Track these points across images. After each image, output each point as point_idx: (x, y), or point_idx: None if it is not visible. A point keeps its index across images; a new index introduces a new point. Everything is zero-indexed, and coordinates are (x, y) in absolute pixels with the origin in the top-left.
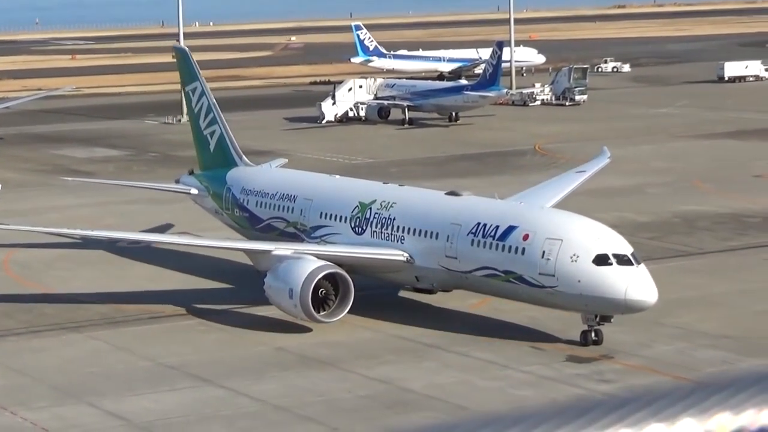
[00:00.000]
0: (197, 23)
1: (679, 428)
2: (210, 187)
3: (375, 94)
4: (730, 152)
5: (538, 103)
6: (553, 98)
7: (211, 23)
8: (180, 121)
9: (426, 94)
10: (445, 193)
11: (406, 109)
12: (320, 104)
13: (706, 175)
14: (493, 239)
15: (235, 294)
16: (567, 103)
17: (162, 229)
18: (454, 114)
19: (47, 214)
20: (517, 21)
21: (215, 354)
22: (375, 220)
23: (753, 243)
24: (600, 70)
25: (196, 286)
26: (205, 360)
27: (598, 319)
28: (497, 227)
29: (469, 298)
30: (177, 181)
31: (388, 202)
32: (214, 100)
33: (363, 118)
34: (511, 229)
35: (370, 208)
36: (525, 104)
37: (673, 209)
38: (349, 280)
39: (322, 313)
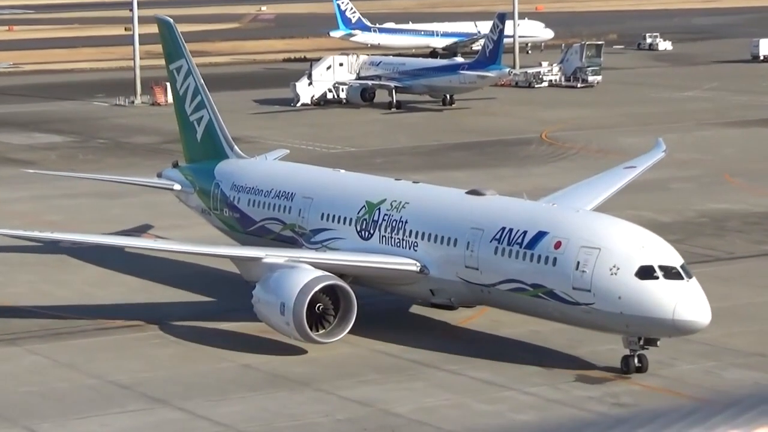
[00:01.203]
0: None
1: None
2: (196, 182)
3: (358, 74)
4: (764, 142)
5: (545, 84)
6: (563, 79)
7: None
8: (133, 102)
9: (416, 74)
10: (466, 192)
11: (394, 91)
12: (295, 85)
13: (738, 169)
14: (521, 247)
15: (197, 303)
16: (578, 85)
17: (141, 229)
18: (448, 96)
19: None
20: None
21: (172, 371)
22: (384, 223)
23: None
24: (642, 46)
25: (151, 293)
26: (160, 378)
27: (642, 342)
28: (525, 233)
29: (464, 309)
30: (159, 175)
31: (400, 202)
32: (203, 81)
33: (344, 101)
34: (541, 235)
35: (379, 209)
36: (530, 86)
37: (699, 207)
38: (352, 294)
39: (318, 333)
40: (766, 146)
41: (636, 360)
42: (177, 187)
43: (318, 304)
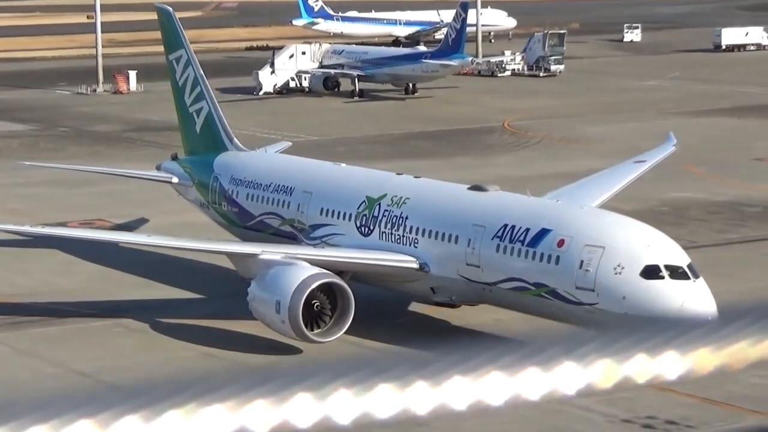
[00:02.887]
0: None
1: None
2: (194, 175)
3: (320, 62)
4: (727, 132)
5: (507, 73)
6: (526, 68)
7: None
8: (95, 91)
9: (379, 63)
10: (468, 188)
11: (356, 80)
12: (257, 73)
13: (700, 158)
14: (523, 245)
15: (160, 291)
16: (541, 74)
17: (133, 227)
18: (411, 85)
19: None
20: None
21: (134, 360)
22: (384, 219)
23: (752, 236)
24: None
25: (113, 281)
26: (123, 366)
27: None
28: (528, 230)
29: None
30: (158, 168)
31: (401, 198)
32: (202, 72)
33: (306, 90)
34: (544, 232)
35: (380, 204)
36: (493, 75)
37: (661, 196)
38: (349, 291)
39: (315, 331)
40: (728, 136)
41: None
42: (175, 180)
43: (314, 302)
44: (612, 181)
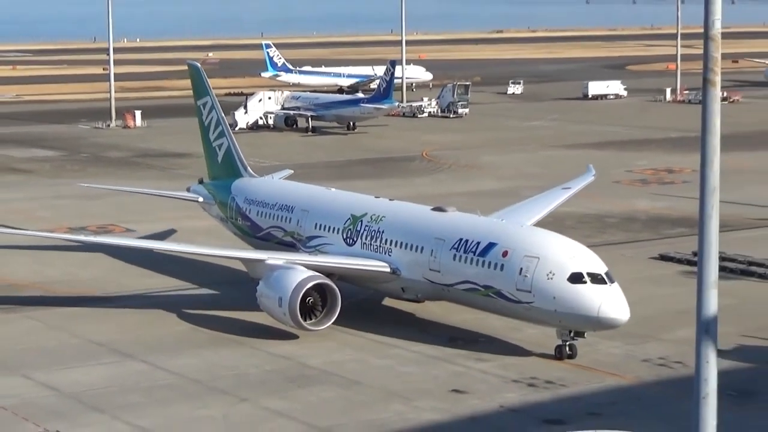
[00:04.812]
0: (125, 39)
1: None
2: (216, 196)
3: (282, 105)
4: (593, 160)
5: (425, 115)
6: (439, 111)
7: (138, 39)
8: (109, 126)
9: (327, 106)
10: (431, 209)
11: (310, 119)
12: (234, 113)
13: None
14: (474, 255)
15: (159, 280)
16: (451, 116)
17: (163, 235)
18: (352, 123)
19: None
20: (409, 42)
21: (138, 333)
22: (365, 233)
23: (612, 240)
24: (507, 92)
25: (124, 272)
26: (129, 338)
27: (572, 334)
28: (478, 243)
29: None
30: (188, 190)
31: (378, 216)
32: (223, 115)
33: (272, 126)
34: (491, 245)
35: (361, 221)
36: (414, 116)
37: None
38: (337, 291)
39: (309, 322)
40: (594, 164)
41: (567, 348)
42: (201, 199)
43: (309, 299)
44: (544, 204)
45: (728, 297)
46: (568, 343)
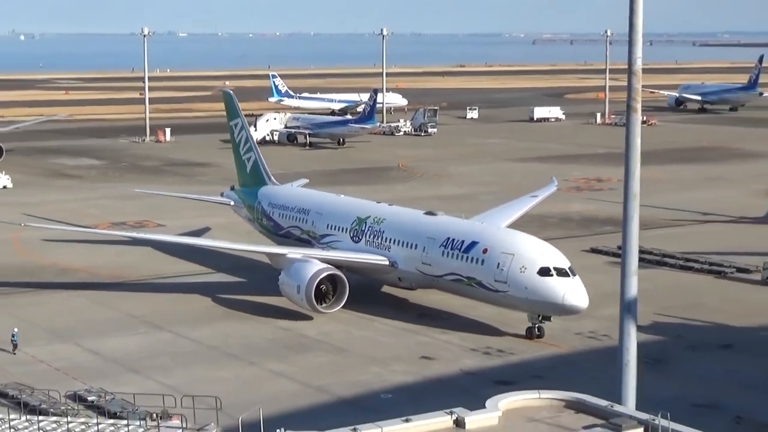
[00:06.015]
0: (158, 70)
1: None
2: (245, 200)
3: (285, 124)
4: (537, 172)
5: (401, 133)
6: (412, 130)
7: (168, 70)
8: (144, 140)
9: (322, 125)
10: (424, 213)
11: (308, 136)
12: None
13: (520, 187)
14: (459, 251)
15: (184, 267)
16: (422, 134)
17: (200, 232)
18: (342, 140)
19: (45, 205)
20: (388, 74)
21: (166, 308)
22: (369, 232)
23: (552, 236)
24: (466, 116)
25: (156, 259)
26: (159, 313)
27: (540, 318)
28: (463, 241)
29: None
30: (221, 195)
31: (379, 218)
32: (250, 133)
33: (276, 142)
34: (473, 243)
35: (366, 222)
36: (392, 134)
37: (489, 209)
38: (345, 280)
39: (322, 306)
40: (538, 174)
41: (536, 329)
42: (231, 203)
43: (322, 286)
44: (516, 209)
45: (646, 283)
46: (537, 325)
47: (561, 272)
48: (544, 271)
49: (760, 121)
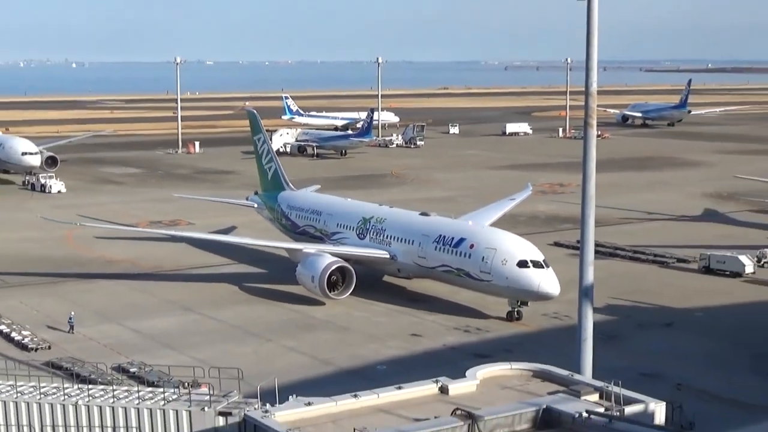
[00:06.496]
0: (188, 92)
1: None
2: (267, 203)
3: (296, 138)
4: (508, 177)
5: (394, 146)
6: (403, 143)
7: (197, 92)
8: (177, 152)
9: (327, 139)
10: (419, 214)
11: (315, 148)
12: None
13: (495, 191)
14: (450, 246)
15: (212, 259)
16: (411, 147)
17: (227, 230)
18: (344, 151)
19: (93, 207)
20: (383, 96)
21: (197, 294)
22: (372, 230)
23: (521, 232)
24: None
25: (188, 252)
26: (190, 298)
27: (519, 303)
28: (453, 238)
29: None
30: (246, 198)
31: (381, 218)
32: (271, 146)
33: (288, 153)
34: (462, 240)
35: (369, 221)
36: (386, 146)
37: (474, 210)
38: (353, 271)
39: (333, 293)
40: (510, 180)
41: (516, 313)
42: (255, 205)
43: (333, 276)
44: (497, 210)
45: (600, 271)
46: (516, 309)
47: (537, 264)
48: (523, 264)
49: (693, 134)
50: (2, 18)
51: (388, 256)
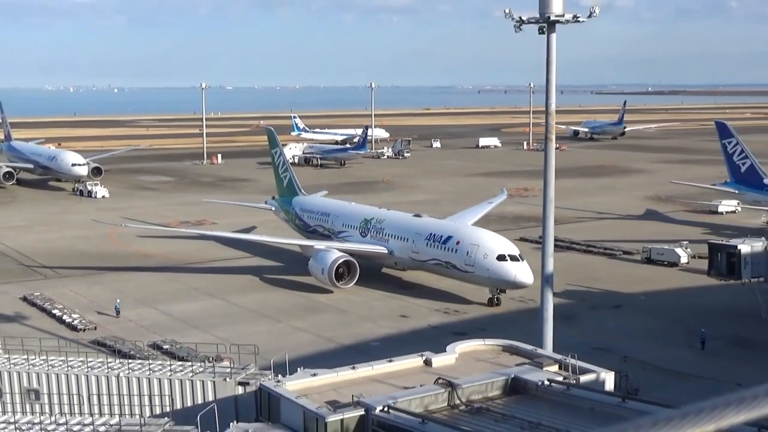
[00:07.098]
0: (212, 113)
1: None
2: (282, 206)
3: (303, 151)
4: (482, 185)
5: (385, 157)
6: (393, 155)
7: (219, 113)
8: (202, 163)
9: (329, 152)
10: (413, 215)
11: (319, 159)
12: None
13: (473, 196)
14: (439, 243)
15: (233, 253)
16: (400, 158)
17: (248, 230)
18: (343, 162)
19: (132, 210)
20: (375, 115)
21: (219, 282)
22: (373, 229)
23: (493, 229)
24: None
25: (212, 248)
26: (214, 285)
27: (498, 291)
28: (442, 236)
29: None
30: (265, 202)
31: (381, 219)
32: (286, 158)
33: (296, 163)
34: (449, 237)
35: (371, 222)
36: (378, 158)
37: (451, 212)
38: (357, 264)
39: (340, 283)
40: (481, 187)
41: (495, 300)
42: (273, 208)
43: (340, 269)
44: (478, 212)
45: (559, 262)
46: (495, 296)
47: (513, 258)
48: (501, 257)
49: (636, 146)
50: (55, 50)
51: (386, 251)
